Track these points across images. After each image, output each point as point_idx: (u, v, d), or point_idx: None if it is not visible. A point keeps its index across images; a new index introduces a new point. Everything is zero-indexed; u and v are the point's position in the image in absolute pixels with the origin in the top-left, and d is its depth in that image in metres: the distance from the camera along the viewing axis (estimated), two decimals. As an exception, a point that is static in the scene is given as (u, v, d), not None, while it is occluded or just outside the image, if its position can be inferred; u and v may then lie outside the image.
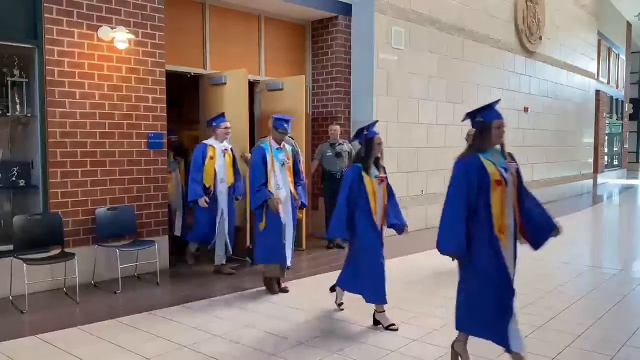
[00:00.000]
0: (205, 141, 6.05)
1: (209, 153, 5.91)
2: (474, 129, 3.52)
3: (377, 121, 4.95)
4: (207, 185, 5.87)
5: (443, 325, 4.33)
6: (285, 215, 5.26)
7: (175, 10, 6.69)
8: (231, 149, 6.13)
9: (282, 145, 5.35)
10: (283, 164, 5.29)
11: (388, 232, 4.52)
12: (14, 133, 5.61)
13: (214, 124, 6.08)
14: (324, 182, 7.59)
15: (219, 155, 5.95)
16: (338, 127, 7.59)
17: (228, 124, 6.05)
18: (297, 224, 7.15)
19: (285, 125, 5.28)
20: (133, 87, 5.86)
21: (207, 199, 5.88)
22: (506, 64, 11.55)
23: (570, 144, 14.97)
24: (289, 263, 5.37)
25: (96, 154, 5.61)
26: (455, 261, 3.48)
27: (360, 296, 4.46)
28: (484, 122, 3.41)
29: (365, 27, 8.26)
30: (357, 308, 4.74)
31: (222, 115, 6.13)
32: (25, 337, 4.08)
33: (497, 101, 3.65)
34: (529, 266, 6.56)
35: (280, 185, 5.22)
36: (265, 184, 5.16)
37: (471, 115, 3.49)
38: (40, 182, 5.34)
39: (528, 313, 4.64)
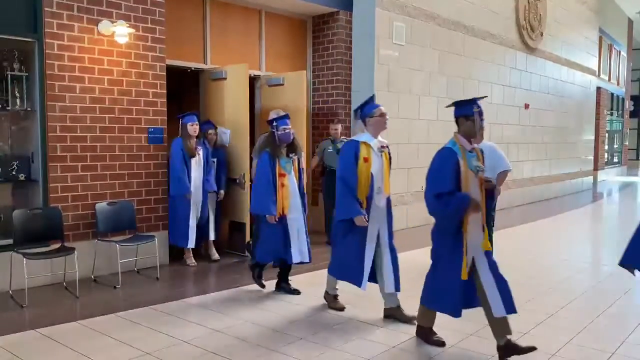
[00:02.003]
0: (356, 137, 4.47)
1: (363, 152, 4.30)
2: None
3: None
4: (361, 199, 4.32)
5: (442, 322, 4.33)
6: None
7: (176, 5, 6.66)
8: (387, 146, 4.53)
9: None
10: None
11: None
12: (14, 127, 5.59)
13: (366, 112, 4.42)
14: (323, 178, 7.58)
15: (376, 156, 4.35)
16: (340, 126, 7.57)
17: (383, 109, 4.43)
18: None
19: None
20: (133, 82, 5.85)
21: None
22: (507, 60, 11.52)
23: (571, 140, 14.96)
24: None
25: (96, 149, 5.60)
26: None
27: (360, 293, 4.46)
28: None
29: (366, 23, 8.24)
30: (357, 304, 4.74)
31: (372, 98, 4.59)
32: (25, 331, 4.08)
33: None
34: (528, 263, 6.57)
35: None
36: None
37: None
38: (40, 177, 5.33)
39: (528, 309, 4.64)
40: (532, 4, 12.19)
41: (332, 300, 4.75)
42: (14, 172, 5.35)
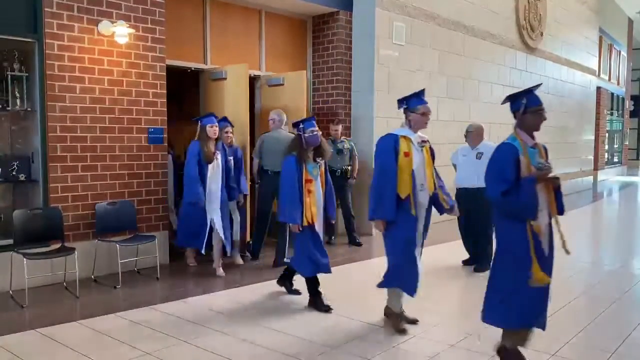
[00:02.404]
0: (394, 130, 4.17)
1: (403, 147, 4.04)
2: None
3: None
4: (404, 197, 4.00)
5: (443, 321, 4.34)
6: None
7: (176, 5, 6.66)
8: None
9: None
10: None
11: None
12: (14, 127, 5.60)
13: (411, 105, 4.19)
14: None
15: (417, 151, 4.13)
16: (340, 126, 7.57)
17: (428, 107, 4.24)
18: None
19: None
20: (133, 82, 5.85)
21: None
22: (507, 60, 11.52)
23: (571, 140, 14.96)
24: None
25: (96, 149, 5.60)
26: (452, 256, 3.57)
27: (360, 293, 4.46)
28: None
29: (366, 23, 8.24)
30: (357, 303, 4.74)
31: (422, 92, 4.32)
32: (25, 331, 4.09)
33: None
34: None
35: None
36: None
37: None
38: (40, 177, 5.33)
39: (528, 309, 4.64)
40: (532, 4, 12.19)
41: (395, 319, 4.15)
42: (14, 173, 5.35)
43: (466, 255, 6.31)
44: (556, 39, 13.59)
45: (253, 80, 7.69)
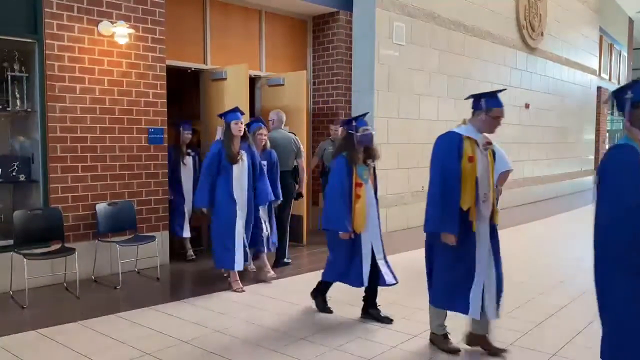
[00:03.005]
0: (456, 129, 3.67)
1: (467, 150, 3.54)
2: None
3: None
4: (465, 209, 3.48)
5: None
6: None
7: (176, 5, 6.66)
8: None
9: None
10: None
11: (390, 228, 4.51)
12: (15, 128, 5.60)
13: (489, 104, 3.76)
14: (323, 178, 7.58)
15: (481, 155, 3.61)
16: (340, 127, 7.55)
17: (503, 111, 3.92)
18: (298, 219, 7.17)
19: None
20: (133, 82, 5.85)
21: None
22: (507, 60, 11.51)
23: (571, 140, 14.95)
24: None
25: (96, 149, 5.60)
26: None
27: (361, 291, 4.46)
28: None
29: (366, 23, 8.23)
30: (357, 303, 4.74)
31: (499, 92, 3.98)
32: (25, 332, 4.08)
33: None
34: (530, 262, 6.56)
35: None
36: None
37: None
38: (40, 177, 5.33)
39: (528, 309, 4.64)
40: (532, 4, 12.18)
41: (442, 341, 3.77)
42: (14, 173, 5.35)
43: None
44: (556, 38, 13.58)
45: (253, 80, 7.69)
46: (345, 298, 4.77)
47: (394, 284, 4.38)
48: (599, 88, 17.45)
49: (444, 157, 3.51)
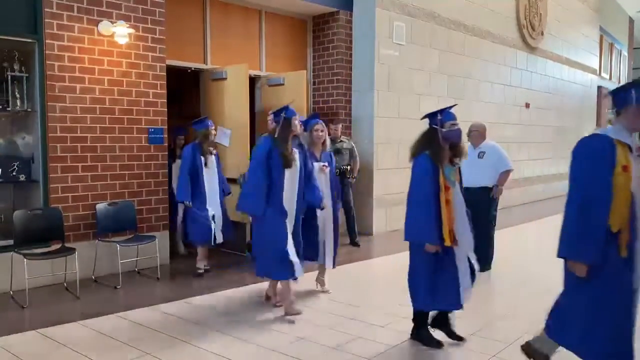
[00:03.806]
0: (602, 131, 3.01)
1: (621, 158, 2.83)
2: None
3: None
4: (615, 230, 2.80)
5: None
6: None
7: (176, 5, 6.66)
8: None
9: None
10: None
11: (390, 227, 4.49)
12: (15, 128, 5.59)
13: (635, 97, 2.85)
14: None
15: (635, 163, 2.87)
16: (340, 126, 7.55)
17: None
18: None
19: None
20: (133, 82, 5.85)
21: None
22: (508, 60, 11.51)
23: (572, 139, 14.82)
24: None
25: (96, 149, 5.60)
26: None
27: (362, 292, 4.45)
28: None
29: (366, 22, 8.24)
30: (358, 303, 4.74)
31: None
32: (25, 332, 4.08)
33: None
34: (529, 262, 6.56)
35: None
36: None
37: None
38: (40, 177, 5.33)
39: (528, 308, 4.64)
40: (532, 3, 12.17)
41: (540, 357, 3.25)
42: (14, 173, 5.35)
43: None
44: (557, 38, 13.57)
45: (253, 80, 7.69)
46: (346, 298, 4.77)
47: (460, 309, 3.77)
48: (599, 87, 17.45)
49: (590, 167, 2.83)
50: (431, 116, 3.79)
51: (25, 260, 4.74)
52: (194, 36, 7.10)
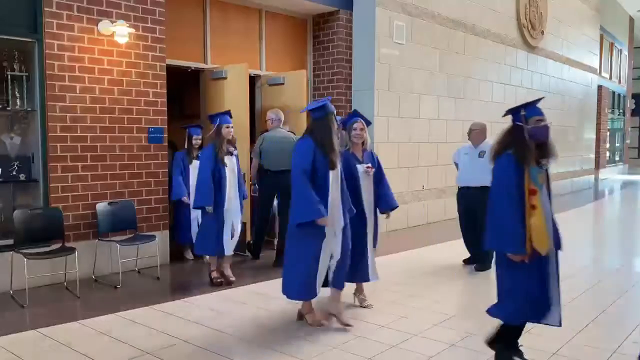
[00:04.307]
0: None
1: None
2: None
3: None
4: None
5: (443, 320, 4.33)
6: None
7: (176, 4, 6.66)
8: None
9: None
10: None
11: (390, 227, 4.49)
12: (14, 127, 5.60)
13: None
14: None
15: None
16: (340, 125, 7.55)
17: None
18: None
19: None
20: (133, 82, 5.85)
21: None
22: (508, 59, 11.51)
23: (572, 139, 14.95)
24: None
25: (96, 149, 5.60)
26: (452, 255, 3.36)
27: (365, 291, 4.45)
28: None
29: (366, 22, 8.24)
30: (357, 305, 4.74)
31: None
32: (25, 331, 4.08)
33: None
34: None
35: None
36: None
37: None
38: (40, 177, 5.33)
39: (529, 308, 4.63)
40: (532, 3, 12.17)
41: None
42: (14, 172, 5.35)
43: (467, 254, 6.30)
44: (557, 37, 13.57)
45: (253, 79, 7.68)
46: (346, 298, 4.76)
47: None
48: (599, 87, 17.45)
49: None
50: (514, 112, 3.46)
51: (25, 259, 4.74)
52: (194, 35, 7.10)
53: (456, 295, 5.51)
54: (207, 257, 5.79)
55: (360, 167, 4.50)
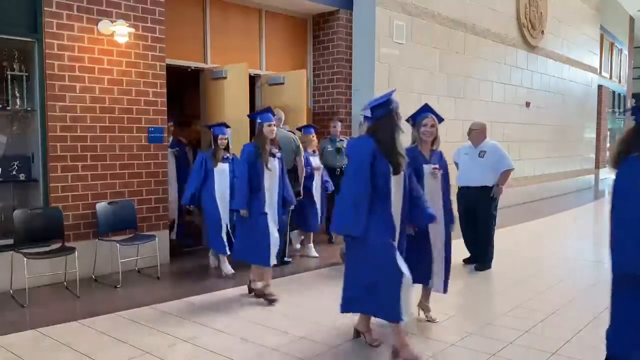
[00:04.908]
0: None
1: None
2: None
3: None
4: None
5: (443, 320, 4.33)
6: None
7: (176, 4, 6.66)
8: None
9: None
10: None
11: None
12: (15, 127, 5.59)
13: None
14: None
15: None
16: (339, 123, 7.56)
17: None
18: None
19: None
20: (133, 81, 5.84)
21: None
22: (508, 59, 11.50)
23: (572, 139, 14.94)
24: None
25: (96, 148, 5.60)
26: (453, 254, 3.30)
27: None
28: None
29: (366, 21, 8.23)
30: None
31: None
32: (25, 331, 4.08)
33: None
34: (529, 261, 6.56)
35: None
36: None
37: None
38: (40, 176, 5.33)
39: (528, 307, 4.64)
40: (533, 2, 12.16)
41: None
42: (14, 172, 5.35)
43: (467, 254, 6.30)
44: (557, 37, 13.56)
45: (253, 79, 7.68)
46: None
47: None
48: (599, 87, 17.44)
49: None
50: (636, 111, 2.96)
51: (25, 259, 4.74)
52: (194, 35, 7.10)
53: (456, 295, 5.50)
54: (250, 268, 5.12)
55: (427, 168, 4.09)
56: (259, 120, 4.86)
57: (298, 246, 6.99)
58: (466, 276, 5.89)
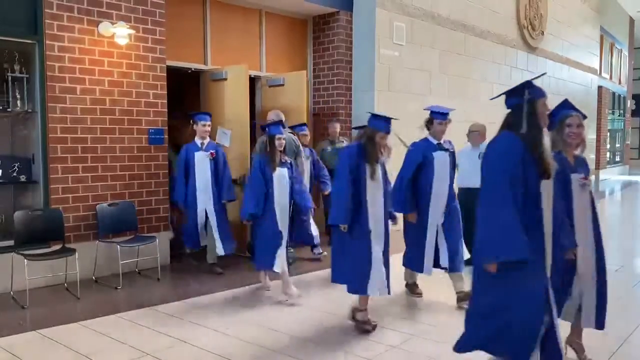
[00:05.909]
0: None
1: None
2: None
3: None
4: None
5: (443, 320, 4.33)
6: None
7: (176, 6, 6.66)
8: None
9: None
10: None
11: (391, 227, 4.48)
12: (15, 128, 5.60)
13: None
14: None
15: None
16: (338, 124, 7.56)
17: None
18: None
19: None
20: (134, 83, 5.85)
21: None
22: (508, 60, 11.51)
23: (572, 139, 14.93)
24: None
25: (97, 150, 5.61)
26: None
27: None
28: None
29: (366, 23, 8.24)
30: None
31: None
32: (26, 332, 4.09)
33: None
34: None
35: None
36: None
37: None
38: (41, 178, 5.34)
39: (529, 309, 4.63)
40: (533, 3, 12.18)
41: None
42: (15, 174, 5.36)
43: (467, 254, 6.29)
44: (557, 38, 13.57)
45: (253, 80, 7.69)
46: (346, 298, 4.76)
47: None
48: (599, 87, 17.45)
49: None
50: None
51: (25, 260, 4.75)
52: (194, 37, 7.11)
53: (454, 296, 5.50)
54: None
55: (575, 177, 3.28)
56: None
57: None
58: (467, 276, 5.88)
